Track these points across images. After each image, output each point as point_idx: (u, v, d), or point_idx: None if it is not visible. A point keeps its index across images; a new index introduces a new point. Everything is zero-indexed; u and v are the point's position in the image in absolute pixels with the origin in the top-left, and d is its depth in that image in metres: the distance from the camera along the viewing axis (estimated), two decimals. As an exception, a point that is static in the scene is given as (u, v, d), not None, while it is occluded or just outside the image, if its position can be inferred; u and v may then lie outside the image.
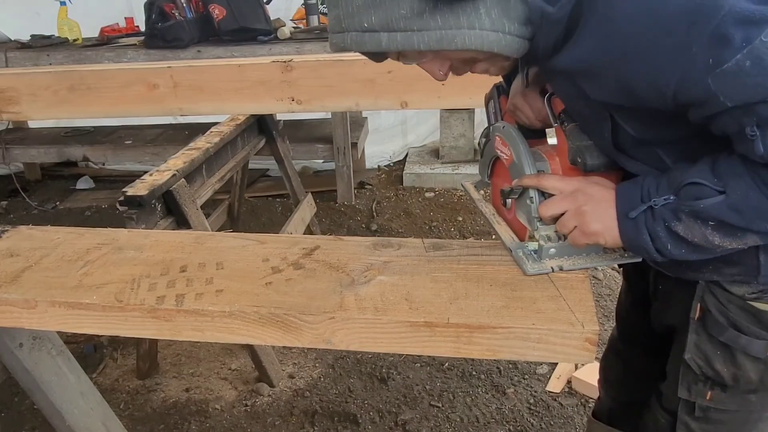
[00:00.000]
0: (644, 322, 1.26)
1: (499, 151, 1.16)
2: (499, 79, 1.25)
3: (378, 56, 0.95)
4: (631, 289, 1.35)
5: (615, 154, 0.99)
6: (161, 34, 3.34)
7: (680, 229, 0.88)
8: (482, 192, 1.36)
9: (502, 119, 1.23)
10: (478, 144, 1.25)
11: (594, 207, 0.96)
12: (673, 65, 0.77)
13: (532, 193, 1.05)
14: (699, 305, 1.02)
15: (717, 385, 1.04)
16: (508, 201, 1.12)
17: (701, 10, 0.74)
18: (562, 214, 1.00)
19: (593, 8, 0.82)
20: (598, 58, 0.83)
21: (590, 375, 2.15)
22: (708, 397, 1.05)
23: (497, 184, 1.23)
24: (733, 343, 0.99)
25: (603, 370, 1.50)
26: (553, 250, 1.07)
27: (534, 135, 1.17)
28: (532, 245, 1.08)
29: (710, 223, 0.86)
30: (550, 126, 1.10)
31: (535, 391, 2.23)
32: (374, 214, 3.78)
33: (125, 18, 3.98)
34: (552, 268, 1.06)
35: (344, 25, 0.88)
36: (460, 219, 3.62)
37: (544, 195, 1.04)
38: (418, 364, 2.40)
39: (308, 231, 3.00)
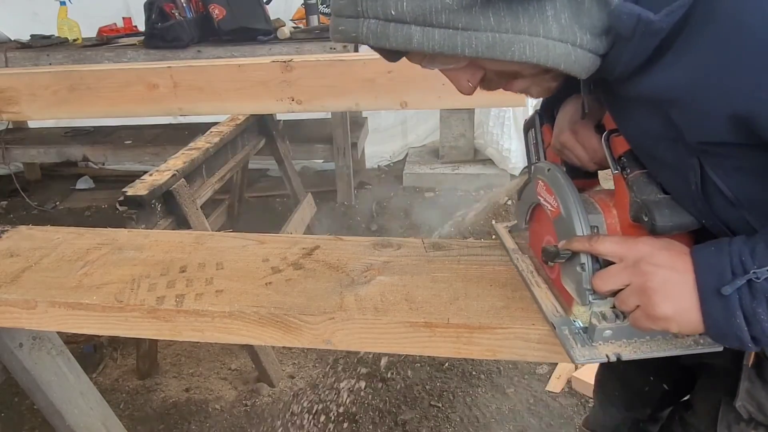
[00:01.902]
0: None
1: (542, 199, 0.96)
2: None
3: (395, 55, 0.73)
4: None
5: (705, 212, 0.79)
6: (161, 34, 3.34)
7: None
8: (517, 237, 1.16)
9: (544, 154, 1.05)
10: (518, 192, 1.08)
11: (664, 282, 0.75)
12: None
13: (584, 259, 0.84)
14: (753, 351, 0.89)
15: (762, 426, 0.94)
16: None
17: None
18: (623, 288, 0.80)
19: (710, 14, 0.62)
20: (713, 79, 0.63)
21: (590, 375, 2.14)
22: None
23: (538, 233, 1.04)
24: None
25: (598, 385, 1.46)
26: (608, 332, 0.85)
27: (582, 174, 0.99)
28: (582, 322, 0.89)
29: None
30: (607, 167, 0.92)
31: (535, 391, 2.23)
32: (374, 214, 3.77)
33: (123, 18, 3.99)
34: (607, 356, 0.84)
35: (361, 8, 0.67)
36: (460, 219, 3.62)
37: (599, 261, 0.84)
38: (418, 364, 2.39)
39: (308, 231, 3.00)
